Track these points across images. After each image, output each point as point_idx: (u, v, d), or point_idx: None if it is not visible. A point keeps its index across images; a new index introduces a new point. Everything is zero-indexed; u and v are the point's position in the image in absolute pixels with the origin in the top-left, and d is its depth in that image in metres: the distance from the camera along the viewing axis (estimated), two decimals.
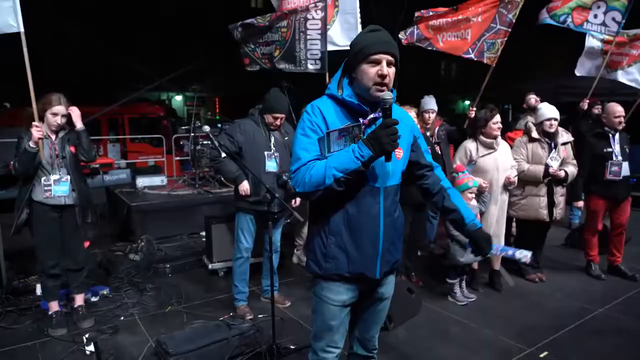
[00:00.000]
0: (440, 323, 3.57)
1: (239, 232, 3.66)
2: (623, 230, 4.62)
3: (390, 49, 1.74)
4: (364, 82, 1.74)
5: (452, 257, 3.86)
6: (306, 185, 1.72)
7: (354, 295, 1.91)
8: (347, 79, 1.84)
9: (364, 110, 1.79)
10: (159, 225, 5.67)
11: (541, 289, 4.29)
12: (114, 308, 3.83)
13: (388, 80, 1.73)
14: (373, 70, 1.72)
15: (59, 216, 3.39)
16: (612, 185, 4.32)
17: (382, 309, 2.05)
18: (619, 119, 4.31)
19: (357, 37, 1.85)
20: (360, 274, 1.84)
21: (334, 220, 1.81)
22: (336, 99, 1.83)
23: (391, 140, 1.63)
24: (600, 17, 5.09)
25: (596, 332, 3.42)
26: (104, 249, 5.34)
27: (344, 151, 1.70)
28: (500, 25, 4.57)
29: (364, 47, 1.73)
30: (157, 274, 4.63)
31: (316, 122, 1.78)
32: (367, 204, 1.80)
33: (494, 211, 4.04)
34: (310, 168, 1.72)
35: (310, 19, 4.31)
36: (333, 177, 1.67)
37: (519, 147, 4.28)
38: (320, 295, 1.91)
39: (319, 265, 1.87)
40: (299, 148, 1.79)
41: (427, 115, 4.85)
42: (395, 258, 1.95)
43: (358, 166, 1.65)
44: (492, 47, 4.61)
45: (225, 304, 3.93)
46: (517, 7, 4.50)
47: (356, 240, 1.81)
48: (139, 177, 6.82)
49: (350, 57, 1.81)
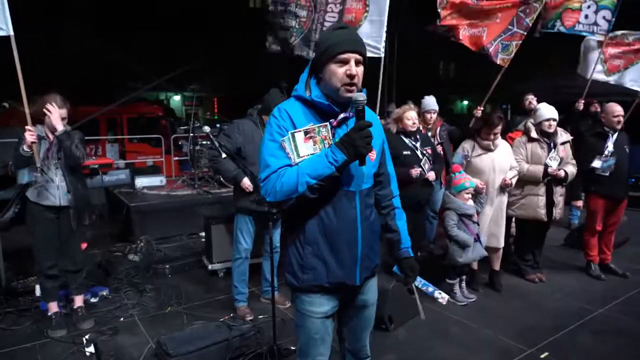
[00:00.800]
0: (440, 323, 3.57)
1: (238, 233, 3.66)
2: (614, 229, 4.65)
3: (358, 48, 1.67)
4: (332, 82, 1.67)
5: (451, 257, 3.86)
6: (277, 194, 1.63)
7: (335, 305, 1.85)
8: (314, 79, 1.76)
9: (334, 111, 1.71)
10: (158, 226, 5.67)
11: (541, 289, 4.29)
12: (114, 309, 3.83)
13: (357, 80, 1.67)
14: (341, 70, 1.65)
15: (55, 217, 3.37)
16: (612, 185, 4.33)
17: (369, 316, 1.98)
18: (618, 118, 4.32)
19: (322, 35, 1.79)
20: (340, 283, 1.77)
21: (309, 228, 1.73)
22: (304, 100, 1.74)
23: (365, 143, 1.58)
24: (592, 17, 5.12)
25: (596, 333, 3.42)
26: (103, 250, 5.33)
27: (317, 156, 1.63)
28: (517, 28, 4.61)
29: (331, 46, 1.66)
30: (156, 275, 4.62)
31: (284, 126, 1.69)
32: (343, 210, 1.73)
33: (489, 212, 4.05)
34: (281, 175, 1.63)
35: (329, 12, 4.34)
36: (306, 184, 1.59)
37: (518, 148, 4.28)
38: (301, 309, 1.84)
39: (296, 277, 1.78)
40: (268, 154, 1.69)
41: (428, 115, 4.86)
42: (374, 263, 1.90)
43: (332, 171, 1.58)
44: (507, 48, 4.65)
45: (225, 304, 3.93)
46: (535, 12, 4.56)
47: (334, 249, 1.73)
48: (138, 177, 6.82)
49: (317, 56, 1.72)
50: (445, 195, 4.01)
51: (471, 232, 3.82)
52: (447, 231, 3.85)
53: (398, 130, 4.05)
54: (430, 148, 4.10)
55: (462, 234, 3.79)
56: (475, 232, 3.84)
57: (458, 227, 3.83)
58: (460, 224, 3.84)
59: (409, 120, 3.95)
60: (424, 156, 3.99)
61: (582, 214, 5.74)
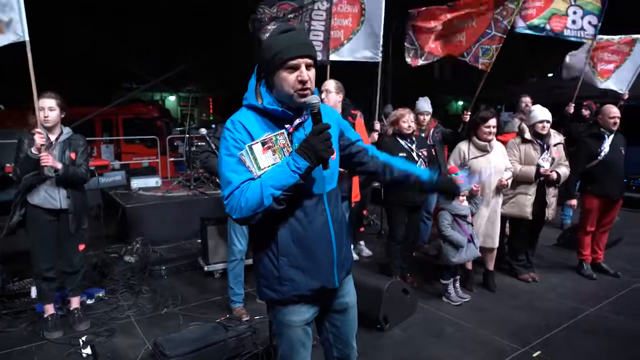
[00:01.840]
0: (435, 323, 3.61)
1: (232, 235, 3.66)
2: (608, 229, 4.71)
3: (307, 52, 1.61)
4: (284, 89, 1.61)
5: (445, 257, 3.90)
6: (243, 210, 1.56)
7: (316, 311, 1.84)
8: (263, 86, 1.70)
9: (289, 117, 1.66)
10: (154, 227, 5.66)
11: (534, 288, 4.34)
12: (110, 310, 3.83)
13: (310, 84, 1.61)
14: (292, 76, 1.59)
15: (55, 220, 3.37)
16: (608, 185, 4.39)
17: (352, 317, 1.96)
18: (614, 120, 4.37)
19: (267, 40, 1.65)
20: (320, 288, 1.74)
21: (281, 239, 1.67)
22: (257, 108, 1.67)
23: (326, 147, 1.54)
24: (579, 23, 5.15)
25: (588, 332, 3.47)
26: (99, 251, 5.34)
27: (278, 166, 1.58)
28: (495, 32, 4.62)
29: (279, 52, 1.58)
30: (152, 276, 4.63)
31: (240, 139, 1.61)
32: (312, 214, 1.69)
33: (485, 212, 4.09)
34: (244, 191, 1.57)
35: (315, 9, 4.34)
36: (272, 197, 1.53)
37: (512, 149, 4.33)
38: (282, 320, 1.80)
39: (274, 290, 1.73)
40: (227, 170, 1.62)
41: (422, 117, 4.90)
42: (349, 261, 1.90)
43: (296, 180, 1.54)
44: (487, 52, 4.66)
45: (221, 305, 3.95)
46: (512, 14, 4.55)
47: (310, 256, 1.70)
48: (133, 178, 6.81)
49: (265, 62, 1.64)
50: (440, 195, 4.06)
51: (465, 233, 3.86)
52: (441, 231, 3.89)
53: (394, 132, 4.08)
54: (425, 150, 4.14)
55: (456, 234, 3.83)
56: (469, 233, 3.88)
57: (452, 228, 3.87)
58: (454, 225, 3.88)
59: (405, 123, 3.99)
60: (419, 158, 4.03)
61: (575, 214, 5.81)
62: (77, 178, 3.35)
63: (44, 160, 3.09)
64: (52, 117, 3.25)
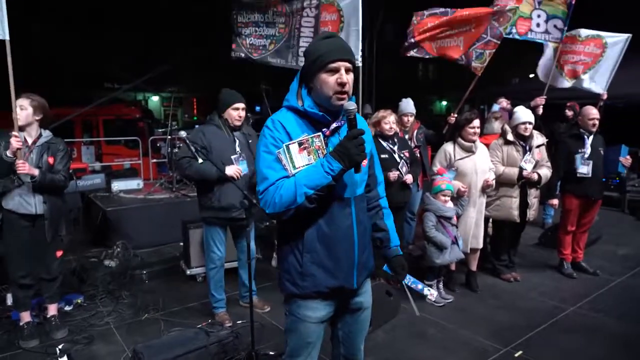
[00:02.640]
0: (417, 325, 3.61)
1: (210, 242, 3.59)
2: (587, 228, 4.79)
3: (347, 56, 1.71)
4: (323, 91, 1.70)
5: (429, 258, 3.91)
6: (277, 206, 1.67)
7: (331, 310, 1.89)
8: (304, 88, 1.79)
9: (327, 121, 1.75)
10: (135, 231, 5.56)
11: (516, 288, 4.39)
12: (89, 317, 3.75)
13: (348, 87, 1.70)
14: (332, 78, 1.68)
15: (30, 225, 3.27)
16: (587, 185, 4.45)
17: (364, 319, 2.01)
18: (593, 121, 4.43)
19: (311, 45, 1.79)
20: (339, 287, 1.81)
21: (307, 236, 1.76)
22: (297, 110, 1.77)
23: (360, 151, 1.62)
24: (543, 26, 5.21)
25: (568, 331, 3.51)
26: (78, 256, 5.20)
27: (313, 167, 1.67)
28: (490, 37, 4.66)
29: (321, 56, 1.69)
30: (133, 281, 4.55)
31: (279, 138, 1.72)
32: (339, 217, 1.77)
33: (473, 214, 4.11)
34: (279, 187, 1.67)
35: (305, 16, 4.35)
36: (304, 195, 1.63)
37: (494, 150, 4.36)
38: (296, 314, 1.86)
39: (295, 284, 1.81)
40: (265, 167, 1.72)
41: (405, 118, 4.91)
42: (370, 265, 1.95)
43: (329, 181, 1.63)
44: (481, 56, 4.70)
45: (203, 310, 3.89)
46: (508, 21, 4.60)
47: (332, 255, 1.77)
48: (114, 180, 6.69)
49: (307, 66, 1.75)
50: (425, 196, 4.07)
51: (449, 234, 3.88)
52: (426, 232, 3.91)
53: (376, 134, 4.08)
54: (407, 151, 4.15)
55: (440, 236, 3.85)
56: (453, 235, 3.90)
57: (436, 229, 3.88)
58: (439, 226, 3.90)
59: (387, 125, 3.99)
60: (401, 159, 4.03)
61: (556, 213, 5.89)
62: (54, 185, 3.27)
63: (19, 167, 3.01)
64: (23, 117, 3.14)
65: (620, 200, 7.69)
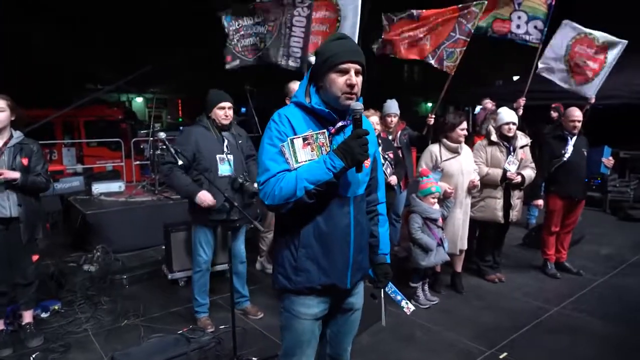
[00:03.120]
0: (403, 327, 3.58)
1: (197, 245, 3.53)
2: (571, 229, 4.82)
3: (358, 58, 1.73)
4: (332, 91, 1.72)
5: (414, 260, 3.88)
6: (276, 198, 1.69)
7: (325, 308, 1.89)
8: (313, 86, 1.81)
9: (333, 119, 1.77)
10: (116, 234, 5.44)
11: (500, 289, 4.40)
12: (66, 324, 3.64)
13: (357, 89, 1.72)
14: (341, 79, 1.70)
15: (4, 228, 3.15)
16: (570, 186, 4.47)
17: (354, 319, 2.02)
18: (574, 123, 4.47)
19: (323, 45, 1.81)
20: (331, 285, 1.81)
21: (304, 232, 1.77)
22: (304, 107, 1.79)
23: (363, 151, 1.64)
24: (523, 27, 5.24)
25: (552, 331, 3.52)
26: (56, 260, 5.05)
27: (315, 162, 1.69)
28: (459, 35, 4.64)
29: (332, 56, 1.71)
30: (113, 286, 4.44)
31: (284, 132, 1.74)
32: (337, 215, 1.78)
33: (460, 215, 4.10)
34: (280, 180, 1.69)
35: (296, 15, 4.30)
36: (304, 189, 1.64)
37: (478, 151, 4.37)
38: (290, 310, 1.86)
39: (288, 279, 1.82)
40: (267, 158, 1.74)
41: (389, 119, 4.88)
42: (364, 266, 1.95)
43: (330, 177, 1.64)
44: (452, 55, 4.69)
45: (186, 315, 3.81)
46: (475, 17, 4.58)
47: (327, 252, 1.78)
48: (95, 183, 6.54)
49: (317, 65, 1.78)
50: (411, 198, 4.03)
51: (435, 236, 3.85)
52: (411, 234, 3.88)
53: None
54: (391, 152, 4.13)
55: (425, 238, 3.82)
56: (438, 237, 3.87)
57: (422, 231, 3.86)
58: (424, 228, 3.87)
59: None
60: (385, 160, 4.01)
61: (540, 214, 5.94)
62: (36, 187, 3.20)
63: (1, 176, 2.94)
64: (3, 118, 3.06)
65: (602, 200, 7.80)
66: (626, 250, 5.52)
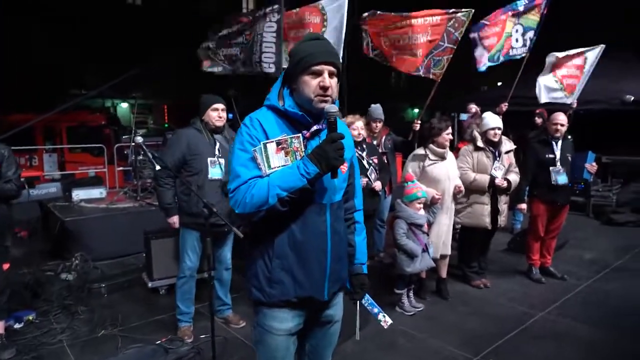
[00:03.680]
0: (387, 335, 3.51)
1: (183, 251, 3.46)
2: (556, 234, 4.82)
3: (332, 59, 1.66)
4: (305, 93, 1.66)
5: (399, 266, 3.84)
6: (247, 206, 1.61)
7: (300, 322, 1.80)
8: (287, 89, 1.75)
9: (307, 122, 1.70)
10: (96, 242, 5.30)
11: (486, 294, 4.37)
12: (40, 335, 3.52)
13: (331, 91, 1.65)
14: (315, 81, 1.64)
15: None
16: (554, 191, 4.48)
17: (334, 332, 1.93)
18: (556, 126, 4.48)
19: (296, 46, 1.73)
20: (307, 297, 1.72)
21: (278, 241, 1.69)
22: (277, 110, 1.72)
23: (338, 156, 1.57)
24: (521, 40, 5.32)
25: (537, 337, 3.50)
26: (32, 269, 4.91)
27: (288, 168, 1.61)
28: (447, 43, 4.65)
29: (305, 57, 1.64)
30: (91, 295, 4.32)
31: (255, 136, 1.66)
32: (313, 223, 1.70)
33: (446, 220, 4.07)
34: (251, 186, 1.61)
35: (267, 22, 4.31)
36: (277, 197, 1.57)
37: (465, 156, 4.34)
38: (263, 325, 1.77)
39: (262, 291, 1.73)
40: (238, 164, 1.67)
41: (374, 124, 4.86)
42: (342, 277, 1.87)
43: (304, 184, 1.57)
44: (439, 63, 4.69)
45: (166, 324, 3.71)
46: (463, 26, 4.60)
47: (303, 262, 1.70)
48: (75, 189, 6.39)
49: (290, 67, 1.71)
50: (396, 203, 3.99)
51: (420, 242, 3.82)
52: (396, 240, 3.84)
53: None
54: (376, 157, 4.10)
55: (411, 244, 3.78)
56: (424, 242, 3.84)
57: (407, 237, 3.82)
58: (410, 233, 3.83)
59: (355, 130, 3.92)
60: (370, 166, 3.97)
61: (525, 219, 5.95)
62: (5, 195, 3.10)
63: None
64: None
65: (585, 205, 7.87)
66: (609, 254, 5.55)
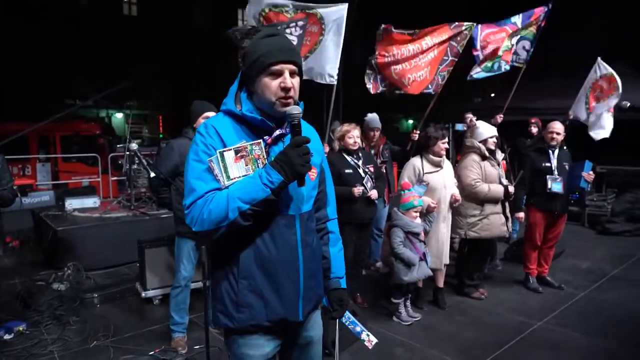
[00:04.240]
0: (385, 345, 3.48)
1: (179, 260, 3.41)
2: (554, 244, 4.80)
3: (292, 57, 1.51)
4: (265, 96, 1.50)
5: (396, 275, 3.81)
6: (205, 223, 1.44)
7: (277, 345, 1.66)
8: (244, 92, 1.59)
9: (269, 127, 1.55)
10: (89, 251, 5.24)
11: (483, 304, 4.34)
12: (30, 346, 3.44)
13: (293, 92, 1.51)
14: (275, 82, 1.49)
15: None
16: (551, 199, 4.48)
17: (315, 354, 1.78)
18: (552, 135, 4.50)
19: (251, 44, 1.53)
20: (281, 319, 1.57)
21: (243, 259, 1.52)
22: (235, 115, 1.56)
23: (304, 161, 1.43)
24: (514, 49, 5.40)
25: (535, 347, 3.47)
26: (24, 279, 4.85)
27: (249, 178, 1.46)
28: (451, 57, 4.70)
29: (262, 56, 1.48)
30: (84, 305, 4.24)
31: (212, 145, 1.50)
32: (281, 237, 1.54)
33: (444, 229, 4.05)
34: (209, 201, 1.45)
35: (289, 35, 4.28)
36: (238, 210, 1.41)
37: (473, 168, 4.23)
38: (237, 354, 1.61)
39: (230, 317, 1.56)
40: (193, 177, 1.50)
41: (371, 133, 4.85)
42: (318, 294, 1.72)
43: (267, 194, 1.42)
44: (443, 77, 4.75)
45: (159, 335, 3.64)
46: (465, 39, 4.65)
47: (273, 281, 1.54)
48: (68, 198, 6.32)
49: (247, 67, 1.53)
50: (393, 212, 3.97)
51: (417, 251, 3.79)
52: (393, 249, 3.81)
53: (340, 148, 4.00)
54: (372, 166, 4.08)
55: (408, 252, 3.76)
56: (421, 251, 3.81)
57: (404, 245, 3.79)
58: (407, 242, 3.81)
59: (351, 139, 3.92)
60: (366, 174, 3.95)
61: (521, 228, 5.95)
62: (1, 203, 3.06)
63: None
64: None
65: (581, 214, 7.88)
66: (605, 263, 5.55)
